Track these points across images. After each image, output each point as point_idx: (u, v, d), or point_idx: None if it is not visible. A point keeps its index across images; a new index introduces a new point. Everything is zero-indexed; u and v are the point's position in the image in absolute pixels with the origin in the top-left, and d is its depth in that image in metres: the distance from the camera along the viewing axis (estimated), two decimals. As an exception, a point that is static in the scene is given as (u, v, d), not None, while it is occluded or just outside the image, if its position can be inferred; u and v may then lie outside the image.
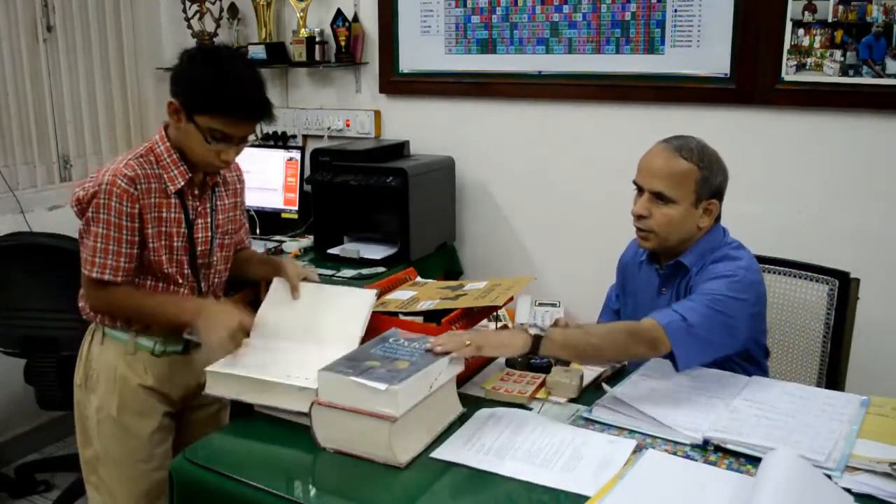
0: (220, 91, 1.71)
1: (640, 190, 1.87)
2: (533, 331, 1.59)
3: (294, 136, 3.58)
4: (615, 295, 2.16)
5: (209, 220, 1.92)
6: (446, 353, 1.54)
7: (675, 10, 2.74)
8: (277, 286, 1.92)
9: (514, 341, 1.60)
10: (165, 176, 1.81)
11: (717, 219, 1.89)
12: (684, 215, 1.82)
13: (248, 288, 2.32)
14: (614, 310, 2.15)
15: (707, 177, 1.81)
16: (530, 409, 1.67)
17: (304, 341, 1.78)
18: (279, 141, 3.56)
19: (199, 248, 1.90)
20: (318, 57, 3.38)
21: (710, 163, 1.83)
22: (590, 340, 1.64)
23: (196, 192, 1.88)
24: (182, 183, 1.82)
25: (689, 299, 1.74)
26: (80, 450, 1.95)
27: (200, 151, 1.77)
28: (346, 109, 3.46)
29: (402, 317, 1.87)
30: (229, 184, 1.99)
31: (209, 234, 1.92)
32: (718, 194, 1.86)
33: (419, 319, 1.87)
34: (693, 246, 1.87)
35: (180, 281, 1.88)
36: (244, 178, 2.07)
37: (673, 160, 1.81)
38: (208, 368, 1.70)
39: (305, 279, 1.92)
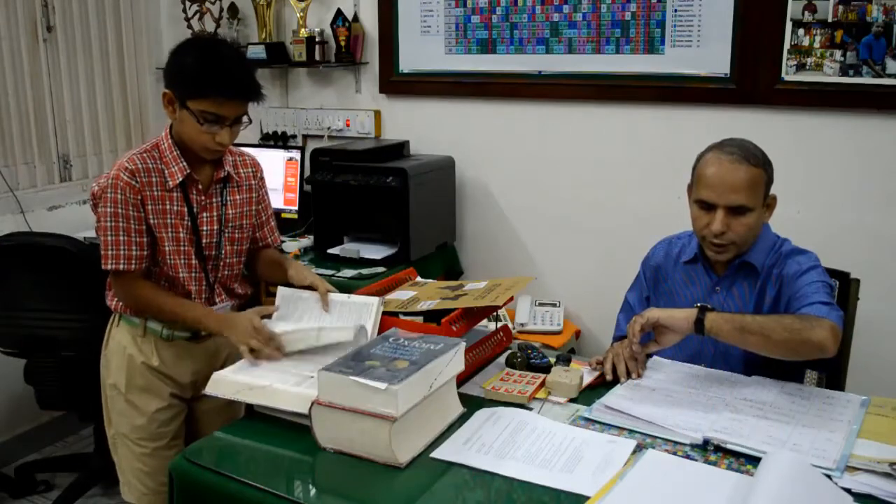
0: (206, 73, 1.77)
1: (708, 206, 1.80)
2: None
3: (294, 136, 3.58)
4: (641, 300, 2.03)
5: (216, 213, 1.96)
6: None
7: (675, 10, 2.74)
8: (284, 298, 1.93)
9: (681, 312, 1.69)
10: (166, 171, 1.87)
11: None
12: (758, 218, 1.81)
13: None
14: None
15: (770, 176, 1.81)
16: (530, 409, 1.67)
17: (310, 354, 1.78)
18: (279, 141, 3.56)
19: (204, 241, 1.94)
20: (318, 57, 3.38)
21: (767, 160, 1.82)
22: (756, 318, 1.62)
23: (200, 186, 1.92)
24: (181, 178, 1.87)
25: (809, 292, 1.70)
26: (106, 428, 2.05)
27: (196, 136, 1.82)
28: (346, 109, 3.46)
29: (402, 317, 1.87)
30: (242, 178, 2.02)
31: (216, 227, 1.96)
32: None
33: (419, 319, 1.87)
34: (755, 243, 1.85)
35: (187, 272, 1.92)
36: (263, 175, 2.09)
37: (749, 170, 1.76)
38: (214, 377, 1.72)
39: (311, 286, 1.91)
